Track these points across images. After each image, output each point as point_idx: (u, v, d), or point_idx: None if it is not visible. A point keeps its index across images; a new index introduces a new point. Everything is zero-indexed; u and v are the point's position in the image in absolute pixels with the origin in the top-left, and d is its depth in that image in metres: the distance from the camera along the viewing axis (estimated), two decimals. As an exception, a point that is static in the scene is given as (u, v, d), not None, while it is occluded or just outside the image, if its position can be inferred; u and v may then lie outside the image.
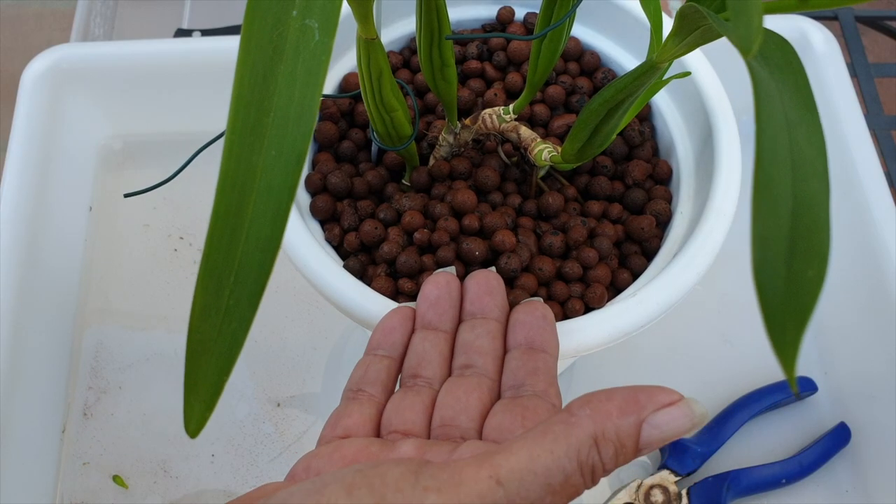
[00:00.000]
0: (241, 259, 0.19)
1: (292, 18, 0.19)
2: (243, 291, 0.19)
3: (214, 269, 0.19)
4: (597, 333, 0.32)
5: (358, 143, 0.39)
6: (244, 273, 0.19)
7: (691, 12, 0.23)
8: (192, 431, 0.20)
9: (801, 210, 0.18)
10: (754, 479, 0.44)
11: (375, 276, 0.34)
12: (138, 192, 0.36)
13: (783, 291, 0.17)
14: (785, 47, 0.20)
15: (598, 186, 0.37)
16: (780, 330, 0.17)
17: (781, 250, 0.17)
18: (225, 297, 0.19)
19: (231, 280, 0.19)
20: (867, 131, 0.51)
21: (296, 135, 0.19)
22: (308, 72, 0.19)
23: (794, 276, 0.17)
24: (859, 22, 0.65)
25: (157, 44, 0.55)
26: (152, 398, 0.48)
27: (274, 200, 0.19)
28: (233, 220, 0.19)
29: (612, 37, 0.41)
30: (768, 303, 0.17)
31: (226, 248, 0.19)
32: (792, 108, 0.19)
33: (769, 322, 0.17)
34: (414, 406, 0.27)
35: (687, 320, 0.51)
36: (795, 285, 0.17)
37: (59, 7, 0.95)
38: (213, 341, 0.19)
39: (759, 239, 0.17)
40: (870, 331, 0.47)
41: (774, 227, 0.17)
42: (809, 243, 0.17)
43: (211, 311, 0.19)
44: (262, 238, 0.19)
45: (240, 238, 0.19)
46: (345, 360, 0.49)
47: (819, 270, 0.17)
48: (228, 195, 0.19)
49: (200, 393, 0.19)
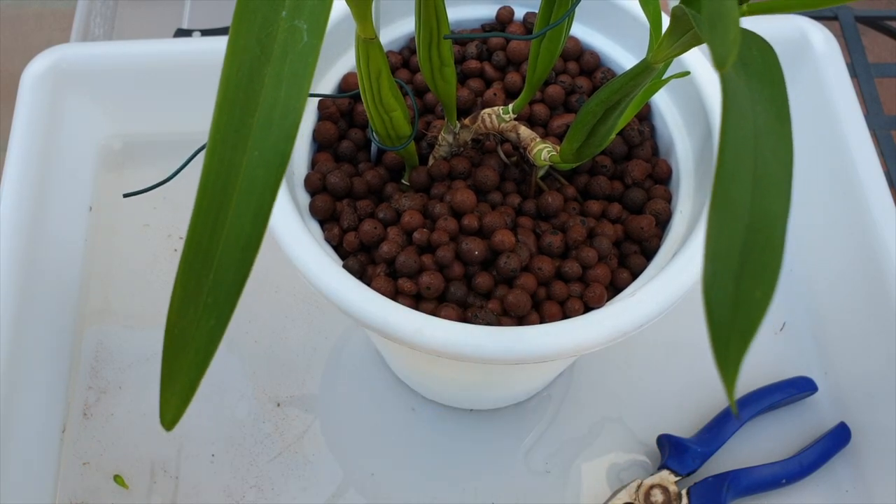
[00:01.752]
0: (220, 257, 0.19)
1: (281, 19, 0.19)
2: (222, 289, 0.19)
3: (193, 266, 0.19)
4: (596, 333, 0.31)
5: (357, 143, 0.39)
6: (223, 271, 0.19)
7: (681, 14, 0.23)
8: (168, 424, 0.20)
9: (757, 227, 0.17)
10: (754, 479, 0.44)
11: (375, 276, 0.34)
12: (138, 192, 0.36)
13: (730, 309, 0.17)
14: (766, 54, 0.20)
15: (598, 186, 0.37)
16: (724, 346, 0.17)
17: (732, 267, 0.17)
18: (203, 293, 0.19)
19: (210, 278, 0.19)
20: (867, 131, 0.51)
21: (279, 136, 0.19)
22: (294, 73, 0.19)
23: (742, 295, 0.17)
24: (859, 22, 0.65)
25: (157, 44, 0.55)
26: (152, 398, 0.48)
27: (255, 201, 0.19)
28: (213, 218, 0.19)
29: (611, 36, 0.41)
30: (714, 319, 0.17)
31: (206, 245, 0.19)
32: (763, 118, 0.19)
33: (714, 338, 0.17)
34: None
35: (687, 320, 0.50)
36: (742, 304, 0.17)
37: (59, 7, 0.95)
38: (190, 337, 0.19)
39: (711, 254, 0.17)
40: (870, 331, 0.47)
41: (727, 244, 0.17)
42: (761, 262, 0.17)
43: (189, 307, 0.19)
44: (242, 237, 0.19)
45: (220, 236, 0.19)
46: (345, 360, 0.49)
47: (766, 291, 0.17)
48: (210, 194, 0.19)
49: (176, 387, 0.19)
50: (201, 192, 0.19)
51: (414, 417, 0.48)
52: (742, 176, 0.18)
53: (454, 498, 0.45)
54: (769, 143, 0.18)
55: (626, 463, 0.46)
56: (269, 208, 0.19)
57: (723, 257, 0.17)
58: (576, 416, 0.48)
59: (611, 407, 0.48)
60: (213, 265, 0.19)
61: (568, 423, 0.48)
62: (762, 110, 0.19)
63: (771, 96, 0.19)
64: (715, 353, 0.17)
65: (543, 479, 0.46)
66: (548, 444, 0.47)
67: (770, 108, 0.19)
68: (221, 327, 0.19)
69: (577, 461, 0.46)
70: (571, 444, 0.47)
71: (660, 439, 0.46)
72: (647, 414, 0.48)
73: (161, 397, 0.20)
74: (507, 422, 0.48)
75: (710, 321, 0.17)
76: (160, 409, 0.20)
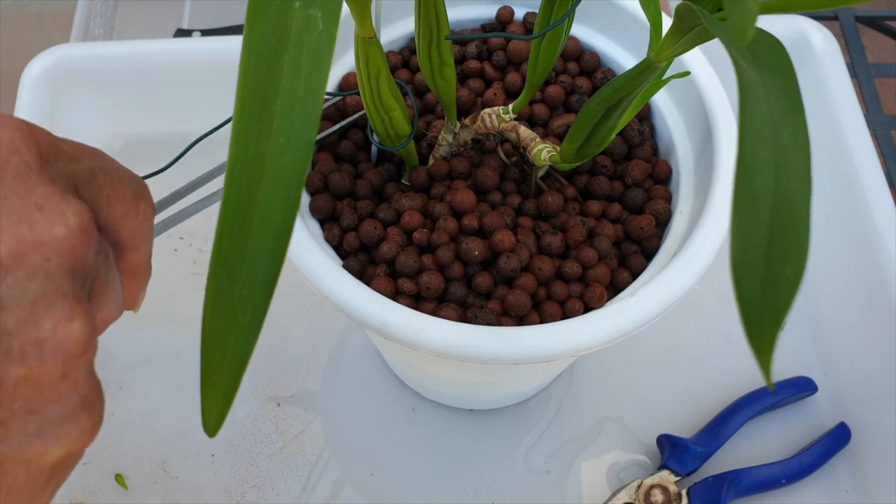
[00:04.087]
0: (252, 247, 0.19)
1: (295, 9, 0.19)
2: (257, 280, 0.19)
3: (226, 260, 0.19)
4: (596, 333, 0.31)
5: (357, 143, 0.39)
6: (256, 261, 0.19)
7: (687, 11, 0.23)
8: (212, 429, 0.19)
9: (782, 209, 0.18)
10: (754, 479, 0.44)
11: (375, 276, 0.34)
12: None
13: (761, 289, 0.17)
14: (776, 48, 0.20)
15: (598, 186, 0.37)
16: (758, 327, 0.17)
17: (760, 247, 0.17)
18: (238, 287, 0.19)
19: (244, 269, 0.19)
20: (867, 131, 0.51)
21: (303, 122, 0.19)
22: (312, 61, 0.19)
23: (773, 274, 0.17)
24: (859, 22, 0.65)
25: (157, 44, 0.55)
26: (152, 398, 0.48)
27: (284, 187, 0.19)
28: (243, 208, 0.19)
29: (611, 36, 0.41)
30: (746, 299, 0.17)
31: (237, 237, 0.19)
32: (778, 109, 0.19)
33: (746, 319, 0.17)
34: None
35: (687, 320, 0.51)
36: (773, 283, 0.17)
37: (59, 7, 0.95)
38: (227, 333, 0.19)
39: (739, 235, 0.17)
40: (870, 331, 0.47)
41: (754, 224, 0.17)
42: (788, 242, 0.17)
43: (224, 302, 0.19)
44: (273, 225, 0.19)
45: (251, 226, 0.19)
46: (345, 359, 0.49)
47: (797, 269, 0.17)
48: (238, 184, 0.18)
49: (218, 387, 0.19)
50: (229, 184, 0.19)
51: (414, 417, 0.48)
52: (763, 160, 0.18)
53: (454, 498, 0.45)
54: (786, 131, 0.18)
55: (626, 463, 0.46)
56: (298, 194, 0.19)
57: (750, 238, 0.17)
58: (576, 416, 0.48)
59: (611, 407, 0.48)
60: (245, 256, 0.19)
61: (568, 423, 0.48)
62: (776, 101, 0.19)
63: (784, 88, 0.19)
64: (748, 334, 0.17)
65: (543, 479, 0.46)
66: (548, 444, 0.47)
67: (784, 98, 0.19)
68: (259, 318, 0.19)
69: (577, 461, 0.46)
70: (571, 444, 0.47)
71: (660, 439, 0.46)
72: (647, 414, 0.48)
73: (202, 401, 0.19)
74: (507, 422, 0.48)
75: (742, 302, 0.17)
76: (202, 415, 0.19)
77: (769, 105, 0.19)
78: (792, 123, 0.19)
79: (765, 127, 0.18)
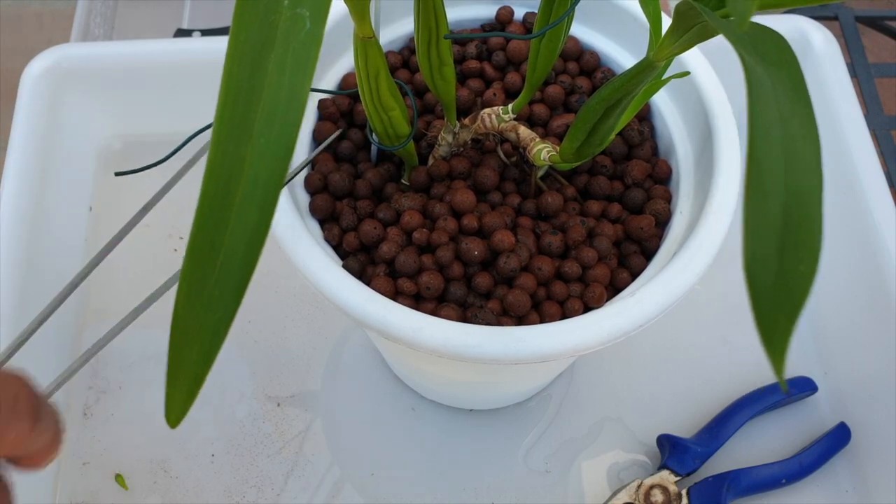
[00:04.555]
0: (226, 249, 0.18)
1: (283, 7, 0.19)
2: (228, 281, 0.19)
3: (199, 259, 0.19)
4: (596, 333, 0.31)
5: (357, 143, 0.39)
6: (229, 263, 0.18)
7: (687, 9, 0.23)
8: (173, 421, 0.20)
9: (794, 204, 0.17)
10: (754, 479, 0.44)
11: (374, 276, 0.34)
12: (131, 172, 0.36)
13: (774, 285, 0.17)
14: (780, 44, 0.20)
15: (598, 186, 0.37)
16: (771, 324, 0.17)
17: (773, 244, 0.17)
18: (209, 286, 0.19)
19: (216, 270, 0.19)
20: (867, 131, 0.51)
21: (284, 124, 0.18)
22: (298, 61, 0.19)
23: (786, 270, 0.17)
24: (859, 22, 0.65)
25: (157, 44, 0.55)
26: (152, 398, 0.48)
27: (261, 192, 0.18)
28: (219, 210, 0.18)
29: (611, 36, 0.41)
30: (759, 296, 0.17)
31: (211, 237, 0.18)
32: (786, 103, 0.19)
33: (759, 316, 0.17)
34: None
35: (686, 320, 0.51)
36: (787, 279, 0.17)
37: (59, 7, 0.95)
38: (196, 330, 0.19)
39: (751, 232, 0.17)
40: (870, 331, 0.47)
41: (766, 220, 0.17)
42: (801, 238, 0.17)
43: (195, 300, 0.19)
44: (248, 229, 0.18)
45: (225, 228, 0.18)
46: (345, 359, 0.49)
47: (810, 265, 0.17)
48: (215, 185, 0.18)
49: (183, 382, 0.19)
50: (206, 183, 0.18)
51: (414, 417, 0.48)
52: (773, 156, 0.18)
53: (454, 498, 0.45)
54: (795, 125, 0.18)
55: (626, 463, 0.46)
56: (275, 198, 0.18)
57: (763, 235, 0.17)
58: (576, 416, 0.48)
59: (611, 407, 0.48)
60: (219, 257, 0.19)
61: (568, 423, 0.48)
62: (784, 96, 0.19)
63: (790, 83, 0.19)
64: (760, 331, 0.17)
65: (543, 479, 0.46)
66: (548, 444, 0.47)
67: (791, 93, 0.19)
68: (228, 320, 0.19)
69: (577, 461, 0.46)
70: (571, 444, 0.47)
71: (660, 439, 0.46)
72: (647, 414, 0.48)
73: (167, 393, 0.19)
74: (507, 422, 0.48)
75: (755, 299, 0.17)
76: (166, 406, 0.20)
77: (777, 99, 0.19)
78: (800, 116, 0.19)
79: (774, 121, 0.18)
